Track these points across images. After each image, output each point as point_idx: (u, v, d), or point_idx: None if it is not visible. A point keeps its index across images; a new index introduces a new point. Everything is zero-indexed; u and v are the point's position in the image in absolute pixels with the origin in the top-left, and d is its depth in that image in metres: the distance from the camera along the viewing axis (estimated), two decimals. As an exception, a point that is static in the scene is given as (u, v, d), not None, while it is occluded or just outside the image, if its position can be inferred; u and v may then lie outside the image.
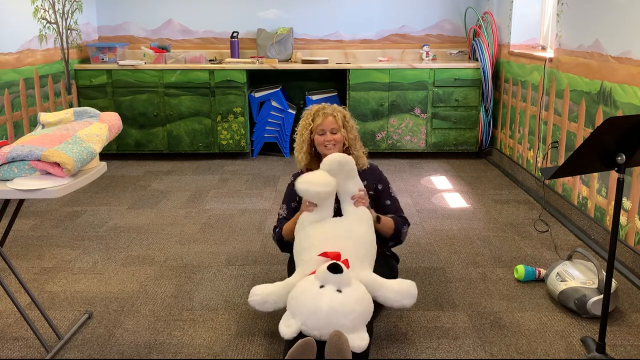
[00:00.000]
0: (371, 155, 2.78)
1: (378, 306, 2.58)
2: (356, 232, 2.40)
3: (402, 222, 2.66)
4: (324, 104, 2.77)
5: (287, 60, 5.60)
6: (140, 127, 5.39)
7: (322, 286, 2.12)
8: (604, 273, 2.52)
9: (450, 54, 5.77)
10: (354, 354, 2.09)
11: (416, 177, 4.90)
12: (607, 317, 2.12)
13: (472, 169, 5.16)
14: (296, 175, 2.74)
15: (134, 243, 3.48)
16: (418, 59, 5.70)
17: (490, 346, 2.38)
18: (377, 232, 2.54)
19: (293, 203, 2.70)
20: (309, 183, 2.36)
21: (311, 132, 2.69)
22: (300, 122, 2.75)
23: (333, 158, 2.43)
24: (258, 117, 5.51)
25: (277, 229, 2.68)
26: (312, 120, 2.69)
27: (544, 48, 4.67)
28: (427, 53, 5.59)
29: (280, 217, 2.72)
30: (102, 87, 5.31)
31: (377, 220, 2.54)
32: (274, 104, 5.47)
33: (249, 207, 4.11)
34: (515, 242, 3.47)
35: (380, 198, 2.69)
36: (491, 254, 3.29)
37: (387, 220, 2.59)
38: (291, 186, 2.72)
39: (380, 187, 2.70)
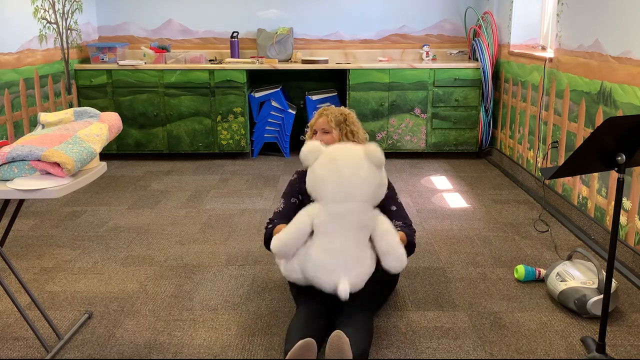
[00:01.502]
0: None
1: (378, 305, 2.59)
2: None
3: (410, 231, 2.58)
4: (331, 106, 2.78)
5: (287, 60, 5.60)
6: (140, 127, 5.39)
7: None
8: (604, 273, 2.52)
9: (450, 54, 5.77)
10: (354, 353, 2.09)
11: (416, 177, 4.90)
12: (607, 317, 2.12)
13: (472, 169, 5.16)
14: (299, 172, 2.75)
15: (134, 243, 3.48)
16: (418, 59, 5.70)
17: (490, 346, 2.38)
18: None
19: (293, 199, 2.67)
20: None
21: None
22: (308, 124, 2.80)
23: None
24: (258, 117, 5.51)
25: (270, 226, 2.61)
26: (313, 127, 2.75)
27: (544, 48, 4.67)
28: (427, 53, 5.59)
29: (277, 210, 2.68)
30: (102, 87, 5.31)
31: None
32: (274, 104, 5.47)
33: (249, 207, 4.11)
34: (515, 242, 3.47)
35: (385, 204, 2.56)
36: (491, 254, 3.29)
37: (401, 235, 2.48)
38: (293, 182, 2.72)
39: (387, 192, 2.67)
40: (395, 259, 2.28)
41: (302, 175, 2.73)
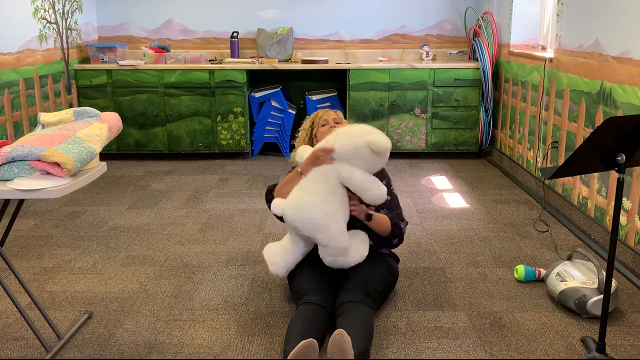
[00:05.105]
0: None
1: (378, 303, 2.59)
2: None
3: (397, 217, 2.65)
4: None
5: (287, 60, 5.60)
6: (140, 127, 5.39)
7: None
8: (604, 273, 2.52)
9: (450, 54, 5.77)
10: (355, 352, 2.09)
11: (416, 177, 4.89)
12: (607, 317, 2.12)
13: (472, 169, 5.16)
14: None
15: (134, 243, 3.48)
16: (418, 59, 5.70)
17: (490, 346, 2.38)
18: (375, 232, 2.57)
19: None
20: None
21: (312, 131, 2.78)
22: (301, 127, 2.85)
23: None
24: (258, 117, 5.52)
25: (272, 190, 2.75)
26: (313, 122, 2.83)
27: (544, 48, 4.67)
28: (427, 53, 5.59)
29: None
30: (102, 87, 5.31)
31: (368, 219, 2.54)
32: (274, 104, 5.47)
33: (249, 207, 4.11)
34: (515, 242, 3.47)
35: None
36: (491, 254, 3.29)
37: (381, 217, 2.58)
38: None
39: (384, 182, 2.71)
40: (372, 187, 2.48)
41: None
